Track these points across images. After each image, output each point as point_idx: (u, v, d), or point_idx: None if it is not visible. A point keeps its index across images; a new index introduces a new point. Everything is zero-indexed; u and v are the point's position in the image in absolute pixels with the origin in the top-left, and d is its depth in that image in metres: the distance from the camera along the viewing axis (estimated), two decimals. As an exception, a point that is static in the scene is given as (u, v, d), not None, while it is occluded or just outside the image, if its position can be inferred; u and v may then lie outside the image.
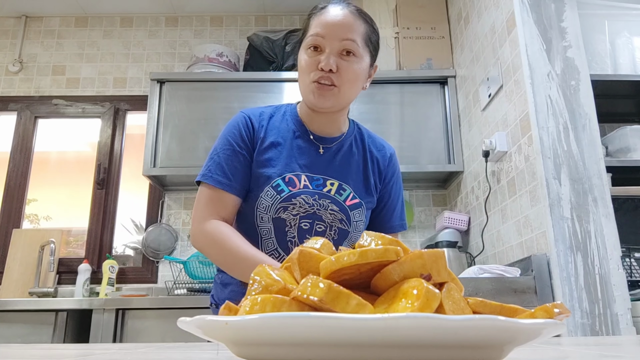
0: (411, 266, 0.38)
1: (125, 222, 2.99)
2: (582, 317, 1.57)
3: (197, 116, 2.67)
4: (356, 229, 1.18)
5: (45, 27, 3.26)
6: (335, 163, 1.20)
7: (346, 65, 1.11)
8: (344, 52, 1.11)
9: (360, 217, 1.18)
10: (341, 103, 1.16)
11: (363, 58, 1.15)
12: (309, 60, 1.12)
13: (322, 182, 1.16)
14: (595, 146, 1.75)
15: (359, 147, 1.25)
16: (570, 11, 1.89)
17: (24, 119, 3.07)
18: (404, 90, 2.70)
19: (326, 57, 1.09)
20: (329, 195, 1.15)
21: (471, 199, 2.47)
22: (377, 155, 1.26)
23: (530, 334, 0.35)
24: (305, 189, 1.14)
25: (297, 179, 1.15)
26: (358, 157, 1.23)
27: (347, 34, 1.11)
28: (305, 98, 1.18)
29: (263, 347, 0.35)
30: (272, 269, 0.42)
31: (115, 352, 0.62)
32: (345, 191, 1.17)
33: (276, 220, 1.13)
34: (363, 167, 1.23)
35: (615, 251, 1.64)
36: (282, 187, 1.13)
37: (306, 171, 1.16)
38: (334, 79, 1.10)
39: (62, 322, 2.08)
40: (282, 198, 1.12)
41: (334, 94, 1.12)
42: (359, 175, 1.21)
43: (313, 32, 1.12)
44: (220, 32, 3.27)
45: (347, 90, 1.13)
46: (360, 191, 1.20)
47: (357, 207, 1.17)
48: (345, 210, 1.16)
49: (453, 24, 2.78)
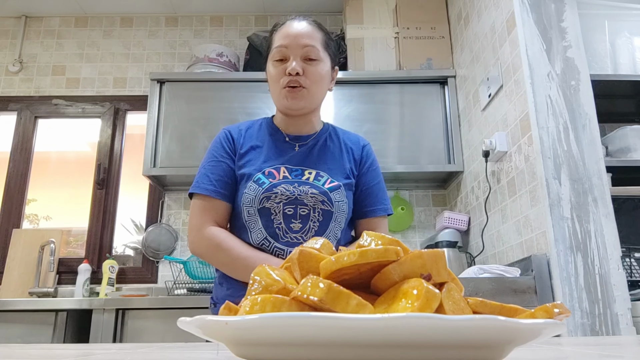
0: (411, 266, 0.38)
1: (125, 222, 2.99)
2: (582, 317, 1.57)
3: (197, 116, 2.67)
4: (339, 209, 1.23)
5: (45, 27, 3.26)
6: (311, 156, 1.28)
7: (311, 69, 1.23)
8: (307, 58, 1.24)
9: (341, 198, 1.24)
10: (312, 103, 1.27)
11: (324, 61, 1.27)
12: (276, 70, 1.25)
13: (300, 172, 1.25)
14: (595, 146, 1.75)
15: (334, 140, 1.34)
16: (570, 11, 1.89)
17: (24, 119, 3.07)
18: (404, 90, 2.70)
19: (292, 63, 1.22)
20: (308, 182, 1.23)
21: (471, 199, 2.47)
22: (351, 146, 1.35)
23: (530, 334, 0.35)
24: (285, 179, 1.22)
25: (277, 171, 1.24)
26: (333, 148, 1.32)
27: (308, 41, 1.24)
28: (278, 104, 1.28)
29: (263, 347, 0.35)
30: (272, 269, 0.42)
31: (115, 352, 0.62)
32: (322, 177, 1.25)
33: (261, 211, 1.21)
34: (339, 155, 1.31)
35: (615, 251, 1.64)
36: (263, 179, 1.22)
37: (285, 164, 1.25)
38: (302, 82, 1.22)
39: (62, 322, 2.08)
40: (264, 189, 1.20)
41: (304, 95, 1.23)
42: (334, 162, 1.29)
43: (277, 44, 1.25)
44: (220, 32, 3.27)
45: (315, 91, 1.25)
46: (337, 176, 1.26)
47: (337, 189, 1.24)
48: (325, 193, 1.22)
49: (453, 24, 2.78)
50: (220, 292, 1.26)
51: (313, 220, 1.21)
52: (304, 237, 1.21)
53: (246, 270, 1.15)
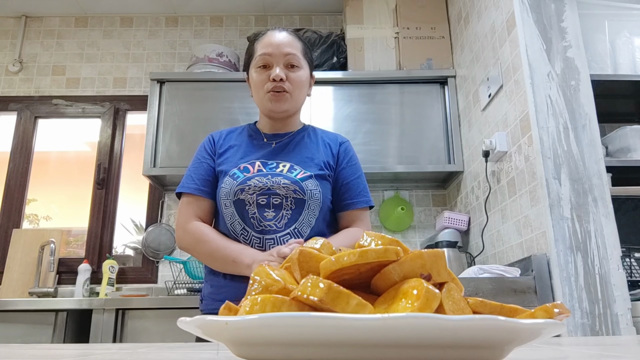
0: (411, 266, 0.38)
1: (125, 222, 2.99)
2: (582, 317, 1.57)
3: (197, 116, 2.67)
4: (312, 197, 1.28)
5: (45, 27, 3.26)
6: (287, 150, 1.35)
7: (293, 75, 1.32)
8: (289, 65, 1.32)
9: (314, 187, 1.29)
10: (294, 106, 1.36)
11: (304, 68, 1.36)
12: (260, 77, 1.32)
13: (275, 165, 1.31)
14: (595, 146, 1.75)
15: (311, 137, 1.41)
16: (570, 11, 1.89)
17: (24, 119, 3.07)
18: (404, 90, 2.70)
19: (275, 69, 1.30)
20: (281, 174, 1.29)
21: (471, 199, 2.48)
22: (329, 142, 1.41)
23: (530, 334, 0.35)
24: (259, 172, 1.29)
25: (252, 165, 1.31)
26: (310, 144, 1.38)
27: (289, 49, 1.33)
28: (262, 107, 1.36)
29: (263, 347, 0.35)
30: (272, 269, 0.42)
31: (115, 352, 0.62)
32: (296, 170, 1.30)
33: (236, 203, 1.27)
34: (315, 150, 1.37)
35: (615, 251, 1.64)
36: (238, 174, 1.29)
37: (261, 159, 1.33)
38: (285, 87, 1.31)
39: (62, 322, 2.08)
40: (238, 182, 1.27)
41: (287, 99, 1.32)
42: (309, 156, 1.35)
43: (260, 52, 1.33)
44: (220, 32, 3.27)
45: (297, 95, 1.34)
46: (310, 168, 1.31)
47: (309, 178, 1.29)
48: (296, 182, 1.27)
49: (453, 24, 2.78)
50: (205, 289, 1.33)
51: (286, 209, 1.26)
52: (277, 224, 1.25)
53: (224, 260, 1.23)
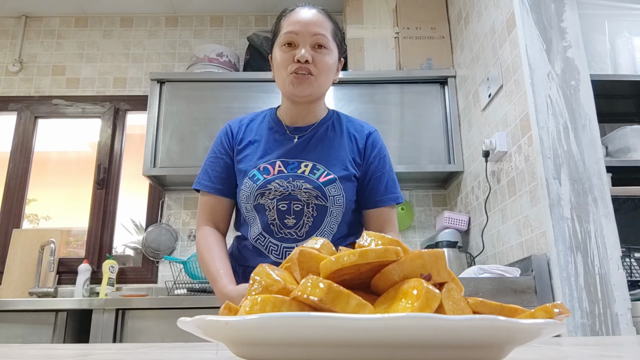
0: (411, 266, 0.38)
1: (125, 222, 2.99)
2: (582, 317, 1.57)
3: (197, 116, 2.67)
4: (335, 203, 1.22)
5: (45, 27, 3.26)
6: (310, 147, 1.26)
7: (320, 57, 1.20)
8: (317, 46, 1.20)
9: (337, 192, 1.22)
10: (318, 92, 1.24)
11: (333, 51, 1.24)
12: (284, 56, 1.21)
13: (296, 165, 1.23)
14: (595, 146, 1.75)
15: (335, 129, 1.31)
16: (570, 11, 1.89)
17: (24, 119, 3.07)
18: (404, 90, 2.70)
19: (301, 50, 1.18)
20: (302, 176, 1.21)
21: (471, 199, 2.47)
22: (355, 134, 1.31)
23: (530, 334, 0.35)
24: (280, 174, 1.22)
25: (272, 166, 1.23)
26: (334, 138, 1.29)
27: (318, 29, 1.21)
28: (284, 90, 1.25)
29: (263, 347, 0.35)
30: (272, 269, 0.42)
31: (115, 352, 0.62)
32: (319, 170, 1.23)
33: (257, 207, 1.22)
34: (339, 146, 1.28)
35: (615, 251, 1.64)
36: (258, 176, 1.22)
37: (282, 157, 1.24)
38: (311, 69, 1.19)
39: (62, 322, 2.08)
40: (258, 186, 1.21)
41: (311, 82, 1.20)
42: (333, 154, 1.26)
43: (286, 30, 1.21)
44: (220, 32, 3.27)
45: (323, 80, 1.23)
46: (334, 167, 1.24)
47: (332, 182, 1.21)
48: (319, 187, 1.20)
49: (453, 24, 2.78)
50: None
51: (307, 216, 1.21)
52: (297, 232, 1.21)
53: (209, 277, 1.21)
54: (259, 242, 1.23)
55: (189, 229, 2.86)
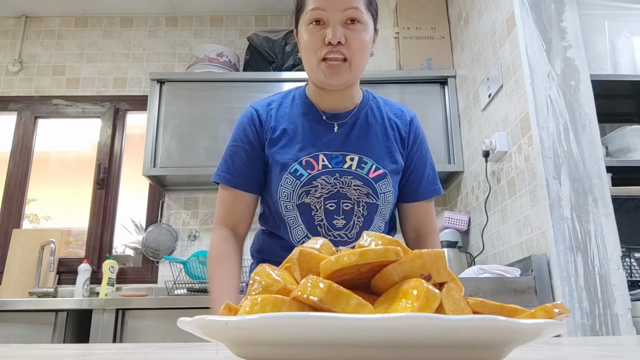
0: (411, 266, 0.38)
1: (125, 222, 2.99)
2: (582, 317, 1.57)
3: (197, 116, 2.67)
4: (385, 201, 1.12)
5: (45, 27, 3.26)
6: (352, 137, 1.13)
7: (354, 36, 1.04)
8: (349, 21, 1.04)
9: (388, 188, 1.12)
10: (354, 77, 1.10)
11: (368, 25, 1.07)
12: (312, 37, 1.05)
13: (341, 159, 1.11)
14: (595, 146, 1.75)
15: (375, 115, 1.18)
16: (570, 11, 1.89)
17: (24, 119, 3.07)
18: (404, 90, 2.70)
19: (332, 29, 1.02)
20: (350, 171, 1.10)
21: (471, 199, 2.47)
22: (396, 121, 1.18)
23: (530, 334, 0.35)
24: (325, 168, 1.09)
25: (315, 160, 1.10)
26: (376, 126, 1.16)
27: (350, 2, 1.04)
28: (314, 79, 1.11)
29: (263, 347, 0.35)
30: (272, 269, 0.42)
31: (115, 352, 0.62)
32: (366, 164, 1.11)
33: (301, 206, 1.10)
34: (383, 135, 1.15)
35: (615, 251, 1.64)
36: (301, 171, 1.09)
37: (323, 150, 1.11)
38: (345, 52, 1.04)
39: (62, 322, 2.07)
40: (303, 182, 1.09)
41: (345, 70, 1.06)
42: (379, 144, 1.14)
43: (313, 6, 1.04)
44: (220, 32, 3.27)
45: (359, 62, 1.07)
46: (382, 160, 1.13)
47: (382, 178, 1.11)
48: (370, 184, 1.10)
49: (453, 24, 2.78)
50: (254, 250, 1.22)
51: (357, 215, 1.10)
52: (347, 234, 1.10)
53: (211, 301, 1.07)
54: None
55: (189, 229, 2.86)
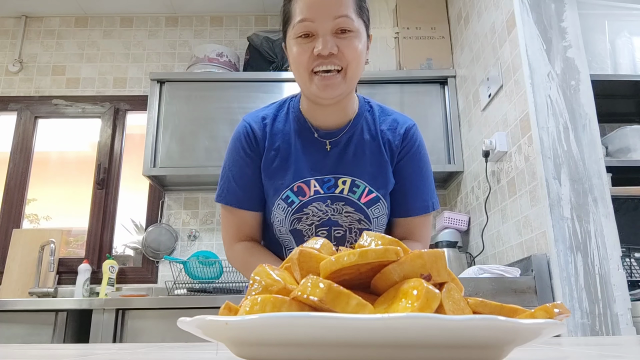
0: (411, 266, 0.38)
1: (125, 222, 2.99)
2: (582, 317, 1.57)
3: (197, 116, 2.67)
4: (378, 224, 1.10)
5: (45, 27, 3.26)
6: (345, 158, 1.09)
7: (346, 44, 0.98)
8: (339, 31, 0.98)
9: (381, 212, 1.09)
10: (349, 88, 1.04)
11: (360, 32, 1.01)
12: (301, 49, 0.99)
13: (333, 183, 1.08)
14: (595, 146, 1.75)
15: (371, 130, 1.12)
16: (570, 11, 1.89)
17: (24, 119, 3.07)
18: (404, 90, 2.70)
19: (322, 40, 0.97)
20: (342, 197, 1.07)
21: (471, 199, 2.47)
22: (389, 136, 1.12)
23: (530, 334, 0.35)
24: (316, 194, 1.07)
25: (307, 185, 1.07)
26: (371, 142, 1.11)
27: (339, 10, 0.98)
28: (307, 93, 1.06)
29: (263, 347, 0.35)
30: (272, 269, 0.42)
31: (115, 352, 0.62)
32: (359, 187, 1.08)
33: (293, 232, 1.09)
34: (377, 152, 1.10)
35: (615, 251, 1.64)
36: (292, 198, 1.07)
37: (315, 174, 1.08)
38: (338, 62, 0.98)
39: (62, 322, 2.07)
40: (294, 210, 1.07)
41: (340, 82, 1.00)
42: (373, 164, 1.10)
43: (300, 17, 0.99)
44: (220, 32, 3.27)
45: (354, 72, 1.01)
46: (376, 183, 1.09)
47: (375, 203, 1.08)
48: (361, 209, 1.07)
49: (453, 24, 2.78)
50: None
51: (349, 242, 1.09)
52: None
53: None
54: None
55: (189, 229, 2.86)
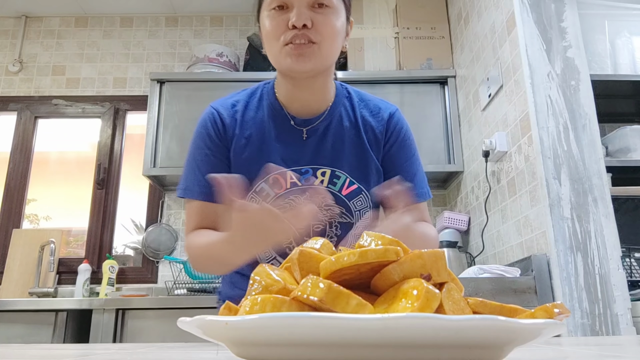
0: (411, 266, 0.38)
1: (125, 222, 2.99)
2: (582, 317, 1.57)
3: (197, 116, 2.62)
4: (361, 217, 1.04)
5: (45, 27, 3.26)
6: (323, 148, 1.03)
7: (322, 19, 0.93)
8: (316, 5, 0.93)
9: (363, 204, 1.03)
10: (324, 63, 0.97)
11: (339, 10, 0.96)
12: (274, 22, 0.94)
13: (311, 174, 1.01)
14: (595, 146, 1.75)
15: (350, 117, 1.06)
16: (570, 11, 1.89)
17: (24, 119, 3.07)
18: (404, 90, 2.70)
19: (297, 11, 0.91)
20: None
21: (471, 199, 2.47)
22: (371, 123, 1.07)
23: (530, 334, 0.35)
24: (293, 186, 1.00)
25: (283, 177, 1.00)
26: (350, 129, 1.05)
27: None
28: (280, 66, 0.98)
29: (263, 347, 0.35)
30: (272, 269, 0.42)
31: (115, 352, 0.62)
32: (339, 178, 1.02)
33: None
34: (357, 141, 1.04)
35: (615, 251, 1.64)
36: (267, 190, 0.99)
37: (292, 165, 1.01)
38: (311, 36, 0.92)
39: (62, 322, 2.07)
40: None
41: (314, 52, 0.93)
42: (353, 153, 1.03)
43: None
44: (220, 32, 3.27)
45: (328, 48, 0.95)
46: (357, 173, 1.03)
47: (357, 195, 1.02)
48: (342, 202, 1.01)
49: (453, 24, 2.78)
50: (229, 290, 1.11)
51: (330, 236, 1.02)
52: None
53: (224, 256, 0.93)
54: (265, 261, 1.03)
55: (189, 229, 2.86)
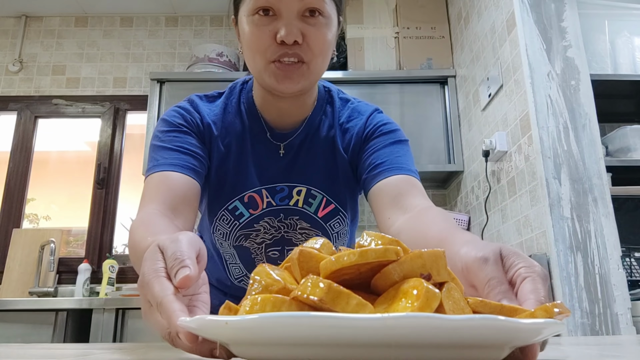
0: (411, 266, 0.38)
1: (125, 222, 2.99)
2: (582, 317, 1.57)
3: (197, 116, 2.67)
4: (340, 237, 0.96)
5: (45, 27, 3.26)
6: (299, 163, 0.92)
7: (314, 32, 0.79)
8: (307, 13, 0.78)
9: (341, 225, 0.95)
10: (312, 83, 0.86)
11: (331, 18, 0.82)
12: (259, 32, 0.78)
13: (287, 193, 0.91)
14: (595, 146, 1.75)
15: (329, 126, 0.94)
16: (570, 11, 1.89)
17: (24, 118, 3.07)
18: (404, 90, 2.71)
19: (287, 24, 0.77)
20: (296, 209, 0.91)
21: (471, 198, 2.47)
22: (348, 127, 0.94)
23: (530, 334, 0.35)
24: (269, 207, 0.90)
25: (259, 196, 0.90)
26: (326, 140, 0.93)
27: None
28: (262, 82, 0.84)
29: (263, 347, 0.35)
30: (272, 269, 0.42)
31: (115, 352, 0.62)
32: (315, 198, 0.92)
33: (239, 249, 0.93)
34: (334, 151, 0.93)
35: (615, 251, 1.64)
36: (241, 210, 0.90)
37: (266, 182, 0.91)
38: (302, 54, 0.79)
39: (62, 322, 2.08)
40: (242, 224, 0.90)
41: (303, 74, 0.80)
42: (330, 167, 0.93)
43: None
44: (220, 32, 3.27)
45: (319, 66, 0.83)
46: (334, 191, 0.93)
47: (334, 216, 0.93)
48: (318, 225, 0.92)
49: (453, 24, 2.78)
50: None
51: None
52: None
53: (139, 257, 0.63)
54: (243, 284, 0.98)
55: (189, 228, 2.86)
